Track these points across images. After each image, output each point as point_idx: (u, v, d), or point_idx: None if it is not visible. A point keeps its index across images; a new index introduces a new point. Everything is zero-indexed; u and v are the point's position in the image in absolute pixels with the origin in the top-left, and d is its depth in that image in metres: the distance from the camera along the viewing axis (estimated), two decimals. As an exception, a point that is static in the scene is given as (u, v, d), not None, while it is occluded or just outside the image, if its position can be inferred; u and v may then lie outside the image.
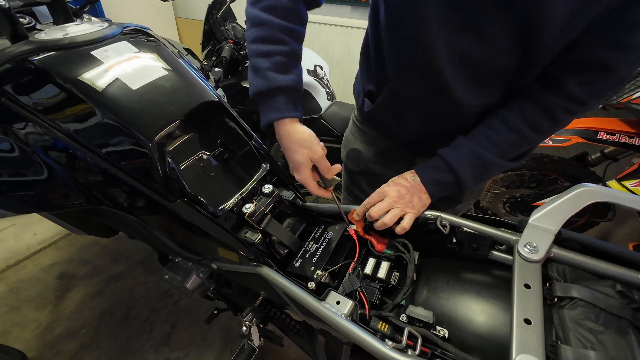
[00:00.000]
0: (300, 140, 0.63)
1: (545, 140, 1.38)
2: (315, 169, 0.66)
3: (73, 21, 0.81)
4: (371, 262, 0.62)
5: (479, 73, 0.57)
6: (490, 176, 0.67)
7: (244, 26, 1.99)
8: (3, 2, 0.62)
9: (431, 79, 0.60)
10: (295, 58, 0.64)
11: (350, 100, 0.93)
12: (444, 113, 0.66)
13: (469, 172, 0.63)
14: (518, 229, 0.58)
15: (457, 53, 0.55)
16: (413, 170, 0.67)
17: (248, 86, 1.81)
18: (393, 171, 0.69)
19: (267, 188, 0.71)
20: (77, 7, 0.97)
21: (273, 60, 0.61)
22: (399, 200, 0.62)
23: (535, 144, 0.64)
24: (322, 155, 0.64)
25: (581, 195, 0.53)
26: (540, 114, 0.58)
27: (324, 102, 1.65)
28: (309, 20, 0.69)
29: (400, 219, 0.62)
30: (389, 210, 0.62)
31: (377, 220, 0.63)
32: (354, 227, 0.67)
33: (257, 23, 0.61)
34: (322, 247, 0.66)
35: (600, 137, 1.38)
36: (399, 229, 0.61)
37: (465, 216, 0.62)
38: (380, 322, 0.53)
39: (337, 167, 0.66)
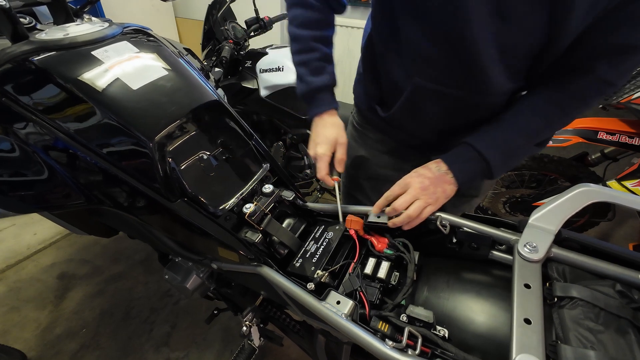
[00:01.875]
0: (333, 123, 0.74)
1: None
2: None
3: (73, 21, 0.81)
4: (371, 262, 0.62)
5: (511, 56, 0.56)
6: (518, 161, 0.67)
7: (244, 26, 1.98)
8: (4, 2, 0.62)
9: (466, 68, 0.58)
10: (327, 60, 0.75)
11: (350, 100, 0.92)
12: (466, 105, 0.65)
13: (499, 158, 0.62)
14: (518, 229, 0.58)
15: (495, 39, 0.53)
16: (439, 160, 0.65)
17: (248, 86, 1.80)
18: (400, 173, 0.68)
19: (268, 188, 0.71)
20: (78, 7, 0.98)
21: (309, 67, 0.73)
22: (423, 192, 0.61)
23: (560, 127, 0.64)
24: (346, 142, 0.73)
25: (581, 195, 0.53)
26: (569, 95, 0.58)
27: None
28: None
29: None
30: (412, 203, 0.61)
31: (398, 215, 0.62)
32: (343, 228, 0.67)
33: (293, 39, 0.73)
34: (322, 247, 0.66)
35: (600, 137, 1.38)
36: (416, 221, 0.61)
37: (465, 216, 0.62)
38: (381, 322, 0.53)
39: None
